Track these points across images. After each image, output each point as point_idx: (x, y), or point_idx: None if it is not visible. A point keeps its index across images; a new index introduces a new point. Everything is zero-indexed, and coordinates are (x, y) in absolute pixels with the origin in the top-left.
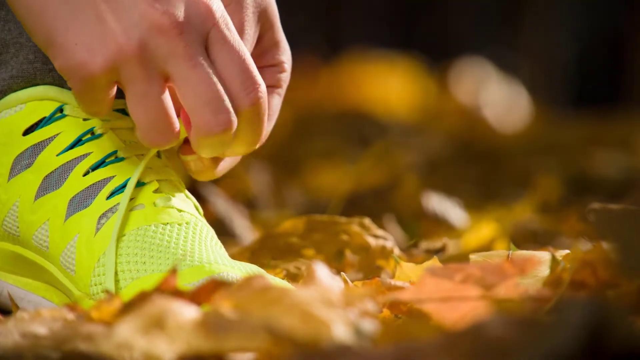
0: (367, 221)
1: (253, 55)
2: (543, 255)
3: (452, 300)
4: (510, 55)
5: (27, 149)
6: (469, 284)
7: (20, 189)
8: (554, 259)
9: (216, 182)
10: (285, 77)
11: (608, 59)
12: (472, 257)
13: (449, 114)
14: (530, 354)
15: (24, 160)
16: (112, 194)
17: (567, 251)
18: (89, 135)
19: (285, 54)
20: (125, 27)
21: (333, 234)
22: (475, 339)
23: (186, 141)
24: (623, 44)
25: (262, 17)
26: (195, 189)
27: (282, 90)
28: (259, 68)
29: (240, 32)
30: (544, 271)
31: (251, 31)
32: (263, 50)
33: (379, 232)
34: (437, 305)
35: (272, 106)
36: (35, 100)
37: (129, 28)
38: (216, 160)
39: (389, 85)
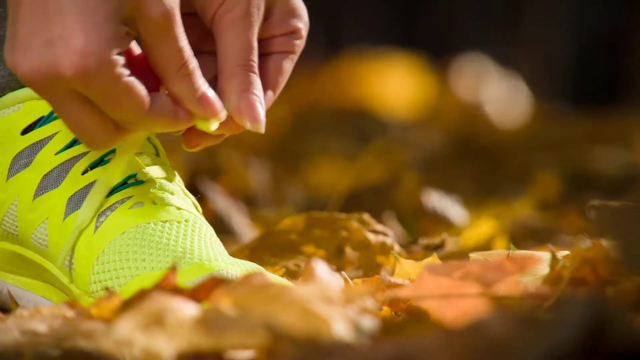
0: (366, 216)
1: (269, 24)
2: (543, 254)
3: (451, 298)
4: (510, 51)
5: (25, 148)
6: (468, 281)
7: (18, 188)
8: (553, 257)
9: (215, 179)
10: (301, 43)
11: (607, 55)
12: (472, 256)
13: (449, 110)
14: (530, 352)
15: (22, 160)
16: (111, 192)
17: (567, 251)
18: None
19: (302, 20)
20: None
21: (333, 231)
22: (475, 337)
23: (188, 131)
24: (622, 41)
25: None
26: (194, 186)
27: (296, 56)
28: (276, 37)
29: (247, 16)
30: (544, 269)
31: (258, 12)
32: (279, 18)
33: (379, 227)
34: (436, 303)
35: (284, 70)
36: (33, 100)
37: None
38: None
39: (389, 82)
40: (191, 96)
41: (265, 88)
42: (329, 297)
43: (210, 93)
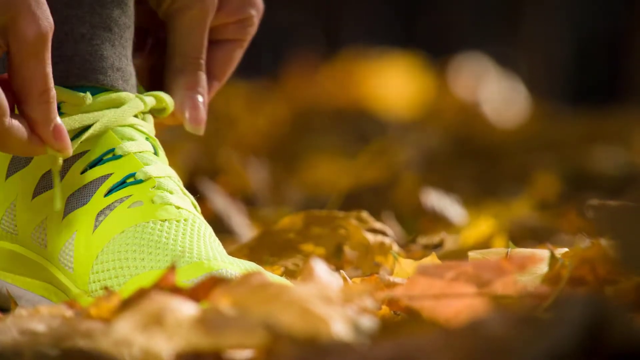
0: (364, 214)
1: (223, 13)
2: (542, 253)
3: (444, 298)
4: (509, 51)
5: None
6: (462, 281)
7: (17, 187)
8: (552, 256)
9: (214, 179)
10: (252, 30)
11: (606, 55)
12: (471, 254)
13: (448, 110)
14: (529, 352)
15: (22, 159)
16: (110, 191)
17: (566, 249)
18: None
19: (255, 7)
20: None
21: (331, 229)
22: (474, 336)
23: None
24: (621, 40)
25: None
26: (193, 186)
27: (246, 42)
28: (228, 25)
29: (202, 14)
30: (543, 268)
31: (214, 9)
32: (234, 7)
33: (377, 225)
34: (428, 303)
35: (234, 58)
36: None
37: None
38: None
39: (387, 82)
40: (46, 124)
41: (212, 78)
42: (328, 296)
43: (64, 127)
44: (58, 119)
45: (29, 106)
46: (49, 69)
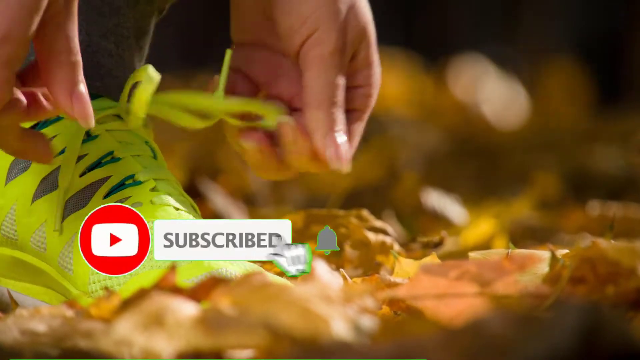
0: (365, 213)
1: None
2: (542, 253)
3: (447, 297)
4: (509, 51)
5: None
6: (465, 281)
7: (17, 192)
8: (553, 256)
9: (215, 179)
10: (371, 101)
11: (606, 55)
12: (471, 255)
13: (447, 110)
14: (528, 353)
15: (20, 164)
16: (109, 193)
17: (567, 249)
18: (85, 137)
19: (376, 76)
20: None
21: (332, 228)
22: (474, 336)
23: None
24: (621, 40)
25: (360, 35)
26: (194, 186)
27: (367, 115)
28: (349, 88)
29: (336, 53)
30: (543, 268)
31: (348, 52)
32: (356, 69)
33: (377, 223)
34: (431, 303)
35: (356, 132)
36: None
37: None
38: (281, 159)
39: (387, 82)
40: (65, 88)
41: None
42: (328, 296)
43: (86, 95)
44: (82, 87)
45: (48, 70)
46: (73, 33)
